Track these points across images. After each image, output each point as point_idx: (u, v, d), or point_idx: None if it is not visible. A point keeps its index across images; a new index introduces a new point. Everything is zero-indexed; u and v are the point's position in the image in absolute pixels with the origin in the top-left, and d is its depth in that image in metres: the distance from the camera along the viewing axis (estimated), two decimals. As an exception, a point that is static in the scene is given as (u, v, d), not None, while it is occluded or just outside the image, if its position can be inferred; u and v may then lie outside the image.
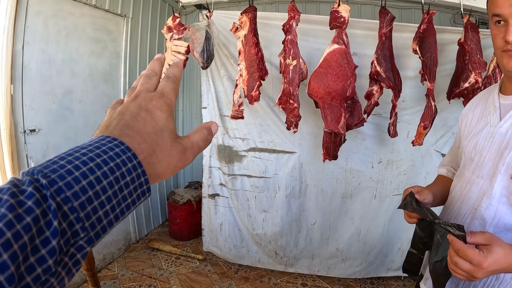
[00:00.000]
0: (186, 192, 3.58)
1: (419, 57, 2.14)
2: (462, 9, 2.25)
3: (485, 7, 0.98)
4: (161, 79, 0.45)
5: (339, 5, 2.08)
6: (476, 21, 2.35)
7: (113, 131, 0.37)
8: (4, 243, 0.25)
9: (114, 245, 3.12)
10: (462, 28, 2.21)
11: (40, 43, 2.36)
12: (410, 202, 1.05)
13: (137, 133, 0.37)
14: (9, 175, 2.11)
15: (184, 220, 3.45)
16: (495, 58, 2.10)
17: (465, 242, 0.81)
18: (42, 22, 2.36)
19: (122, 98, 0.45)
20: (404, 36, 2.35)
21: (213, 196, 2.90)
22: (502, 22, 0.89)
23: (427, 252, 1.10)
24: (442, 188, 1.21)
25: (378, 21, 2.19)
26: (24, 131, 2.25)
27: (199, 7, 2.63)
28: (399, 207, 1.09)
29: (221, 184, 2.88)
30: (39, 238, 0.27)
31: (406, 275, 1.42)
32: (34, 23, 2.29)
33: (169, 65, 1.25)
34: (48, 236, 0.28)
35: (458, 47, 2.22)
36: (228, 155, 2.81)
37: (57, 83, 2.50)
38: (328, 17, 2.11)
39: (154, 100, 0.41)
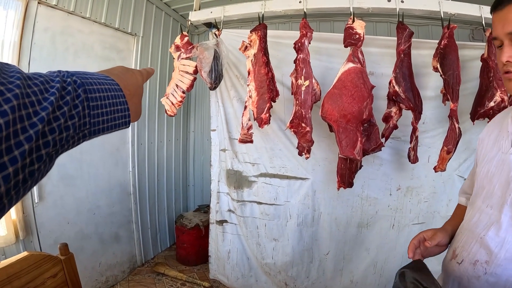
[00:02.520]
0: (194, 216, 3.46)
1: (441, 75, 1.98)
2: (483, 22, 2.07)
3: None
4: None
5: (353, 21, 1.96)
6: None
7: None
8: (58, 106, 0.38)
9: (118, 268, 3.01)
10: (483, 43, 2.05)
11: (47, 60, 2.32)
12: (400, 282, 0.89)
13: (125, 80, 0.55)
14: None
15: (191, 245, 3.32)
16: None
17: None
18: (50, 38, 2.33)
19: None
20: (422, 53, 2.22)
21: (221, 222, 2.76)
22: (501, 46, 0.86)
23: None
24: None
25: (394, 38, 2.06)
26: (28, 152, 2.19)
27: (209, 26, 2.55)
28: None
29: (229, 210, 2.75)
30: (71, 112, 0.40)
31: None
32: (41, 39, 2.26)
33: (177, 85, 1.93)
34: (73, 114, 0.41)
35: (480, 63, 2.04)
36: (238, 180, 2.68)
37: (63, 102, 2.44)
38: (342, 34, 1.99)
39: (135, 70, 0.62)
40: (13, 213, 2.13)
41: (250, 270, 2.76)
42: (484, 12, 2.04)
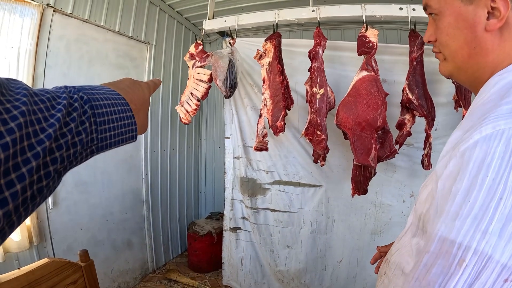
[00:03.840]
0: (207, 223, 3.47)
1: (453, 82, 1.99)
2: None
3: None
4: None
5: (366, 29, 1.98)
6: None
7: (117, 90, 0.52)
8: (64, 123, 0.38)
9: (130, 274, 3.02)
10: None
11: (62, 67, 2.35)
12: None
13: (131, 94, 0.55)
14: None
15: (203, 252, 3.32)
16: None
17: None
18: (65, 46, 2.37)
19: None
20: (434, 60, 2.19)
21: (235, 229, 2.77)
22: None
23: None
24: None
25: (406, 46, 2.07)
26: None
27: (222, 34, 2.58)
28: None
29: (243, 217, 2.76)
30: (78, 128, 0.40)
31: None
32: (56, 47, 2.30)
33: (192, 94, 1.85)
34: (81, 130, 0.41)
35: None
36: (251, 187, 2.70)
37: (78, 109, 2.48)
38: (355, 43, 2.01)
39: (142, 83, 0.62)
40: (27, 219, 2.15)
41: (263, 277, 2.76)
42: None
